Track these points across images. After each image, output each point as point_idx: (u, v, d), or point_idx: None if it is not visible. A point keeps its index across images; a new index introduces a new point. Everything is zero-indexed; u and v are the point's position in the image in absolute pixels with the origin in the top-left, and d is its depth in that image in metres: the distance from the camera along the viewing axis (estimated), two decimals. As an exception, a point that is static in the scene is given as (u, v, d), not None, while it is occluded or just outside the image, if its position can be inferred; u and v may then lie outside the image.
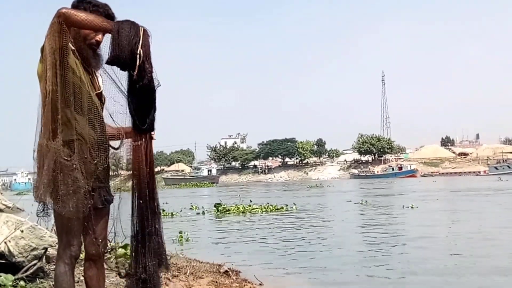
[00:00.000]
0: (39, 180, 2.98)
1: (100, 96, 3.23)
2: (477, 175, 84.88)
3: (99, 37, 3.17)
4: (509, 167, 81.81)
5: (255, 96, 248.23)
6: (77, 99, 3.01)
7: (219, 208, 19.49)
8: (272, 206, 20.22)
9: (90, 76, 3.18)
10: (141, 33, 2.99)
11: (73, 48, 3.07)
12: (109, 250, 5.77)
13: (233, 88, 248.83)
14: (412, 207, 18.59)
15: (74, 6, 3.13)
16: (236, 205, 20.24)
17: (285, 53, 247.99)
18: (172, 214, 18.79)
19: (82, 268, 3.37)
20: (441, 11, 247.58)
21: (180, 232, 11.73)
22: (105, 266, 3.88)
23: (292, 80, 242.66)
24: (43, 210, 3.05)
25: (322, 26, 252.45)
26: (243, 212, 18.97)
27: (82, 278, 4.85)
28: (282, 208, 19.80)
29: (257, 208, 19.75)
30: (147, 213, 3.25)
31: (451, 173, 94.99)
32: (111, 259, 5.55)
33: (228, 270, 6.55)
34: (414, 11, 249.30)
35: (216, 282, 5.78)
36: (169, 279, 5.53)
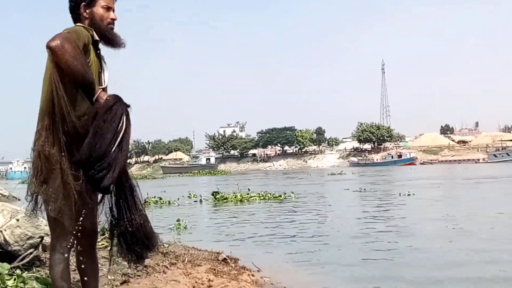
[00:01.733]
0: (34, 180, 2.99)
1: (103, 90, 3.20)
2: (476, 162, 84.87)
3: (112, 15, 3.23)
4: (508, 155, 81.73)
5: (255, 84, 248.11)
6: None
7: (217, 196, 19.43)
8: (270, 194, 20.15)
9: (100, 70, 3.19)
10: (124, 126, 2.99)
11: (96, 38, 3.12)
12: (103, 238, 5.75)
13: (233, 76, 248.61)
14: (409, 195, 18.63)
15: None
16: (234, 193, 20.14)
17: (284, 43, 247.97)
18: (169, 203, 18.77)
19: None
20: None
21: (178, 220, 11.69)
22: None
23: (292, 69, 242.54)
24: (33, 209, 3.07)
25: (322, 17, 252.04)
26: (240, 200, 18.88)
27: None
28: (281, 196, 19.76)
29: (255, 196, 19.69)
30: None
31: (450, 161, 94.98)
32: (108, 248, 5.51)
33: (227, 257, 6.56)
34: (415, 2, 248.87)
35: (215, 269, 5.77)
36: (167, 267, 5.52)
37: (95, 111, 2.93)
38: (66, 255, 3.08)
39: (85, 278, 3.24)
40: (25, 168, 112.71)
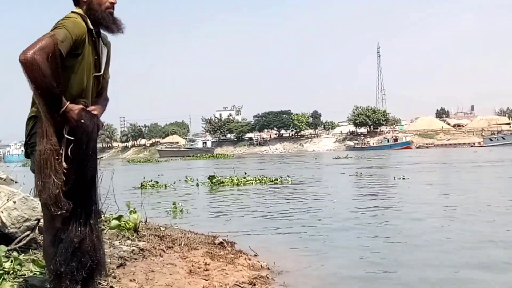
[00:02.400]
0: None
1: (99, 77, 3.23)
2: (471, 146, 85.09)
3: None
4: (504, 138, 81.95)
5: (251, 68, 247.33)
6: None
7: (213, 180, 19.44)
8: (266, 178, 20.19)
9: (96, 57, 3.18)
10: None
11: (90, 27, 3.08)
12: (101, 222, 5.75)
13: (229, 60, 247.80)
14: (403, 179, 18.73)
15: None
16: (231, 177, 20.18)
17: (280, 30, 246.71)
18: (165, 186, 18.83)
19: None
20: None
21: (174, 203, 11.73)
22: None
23: (288, 53, 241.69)
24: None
25: (318, 3, 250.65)
26: (237, 184, 18.94)
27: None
28: (277, 180, 19.82)
29: (251, 180, 19.74)
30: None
31: (446, 144, 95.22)
32: (104, 231, 5.52)
33: (223, 241, 6.57)
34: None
35: (211, 253, 5.78)
36: (163, 250, 5.53)
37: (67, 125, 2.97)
38: (58, 238, 3.08)
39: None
40: (22, 151, 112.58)
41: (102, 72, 3.23)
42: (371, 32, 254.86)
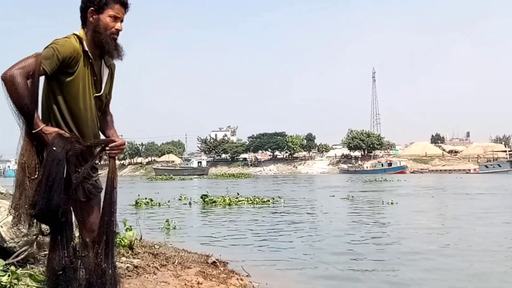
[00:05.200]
0: None
1: (99, 97, 3.31)
2: (467, 173, 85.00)
3: (118, 25, 3.25)
4: (500, 166, 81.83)
5: (246, 90, 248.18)
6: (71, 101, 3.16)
7: (206, 199, 19.57)
8: (258, 198, 20.29)
9: (95, 78, 3.26)
10: None
11: (86, 49, 3.17)
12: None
13: (225, 81, 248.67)
14: (392, 203, 18.80)
15: (86, 2, 3.23)
16: (223, 197, 20.28)
17: (276, 51, 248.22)
18: (159, 204, 18.89)
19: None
20: (435, 11, 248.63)
21: (167, 221, 11.90)
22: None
23: (284, 76, 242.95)
24: None
25: (314, 26, 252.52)
26: (229, 204, 19.04)
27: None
28: (269, 201, 19.92)
29: (243, 200, 19.85)
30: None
31: (441, 170, 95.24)
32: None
33: (216, 261, 6.63)
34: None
35: (204, 272, 5.84)
36: (157, 268, 5.61)
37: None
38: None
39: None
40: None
41: (102, 92, 3.30)
42: (367, 57, 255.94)
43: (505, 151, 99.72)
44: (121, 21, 3.27)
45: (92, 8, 3.20)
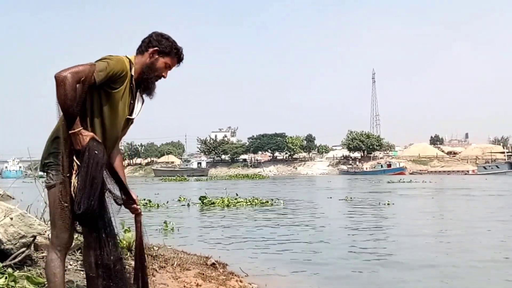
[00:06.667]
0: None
1: (128, 120, 3.47)
2: (465, 174, 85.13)
3: (165, 73, 3.52)
4: (498, 167, 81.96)
5: (247, 90, 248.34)
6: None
7: (204, 201, 19.57)
8: (257, 200, 20.28)
9: (132, 101, 3.44)
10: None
11: (132, 73, 3.37)
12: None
13: (225, 82, 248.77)
14: (388, 204, 18.84)
15: (154, 40, 3.46)
16: (222, 198, 20.27)
17: (277, 51, 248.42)
18: (158, 205, 18.89)
19: (69, 256, 3.42)
20: (433, 12, 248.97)
21: (165, 222, 11.88)
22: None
23: (284, 77, 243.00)
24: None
25: (315, 27, 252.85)
26: (227, 205, 19.02)
27: (69, 267, 4.90)
28: (268, 202, 19.91)
29: (242, 201, 19.83)
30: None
31: (439, 171, 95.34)
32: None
33: (215, 262, 6.60)
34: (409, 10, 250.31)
35: (203, 274, 5.81)
36: (156, 270, 5.58)
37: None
38: (63, 254, 3.24)
39: (91, 274, 3.33)
40: (20, 167, 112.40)
41: (134, 116, 3.49)
42: (367, 58, 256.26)
43: (503, 153, 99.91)
44: (170, 69, 3.55)
45: (157, 49, 3.44)
